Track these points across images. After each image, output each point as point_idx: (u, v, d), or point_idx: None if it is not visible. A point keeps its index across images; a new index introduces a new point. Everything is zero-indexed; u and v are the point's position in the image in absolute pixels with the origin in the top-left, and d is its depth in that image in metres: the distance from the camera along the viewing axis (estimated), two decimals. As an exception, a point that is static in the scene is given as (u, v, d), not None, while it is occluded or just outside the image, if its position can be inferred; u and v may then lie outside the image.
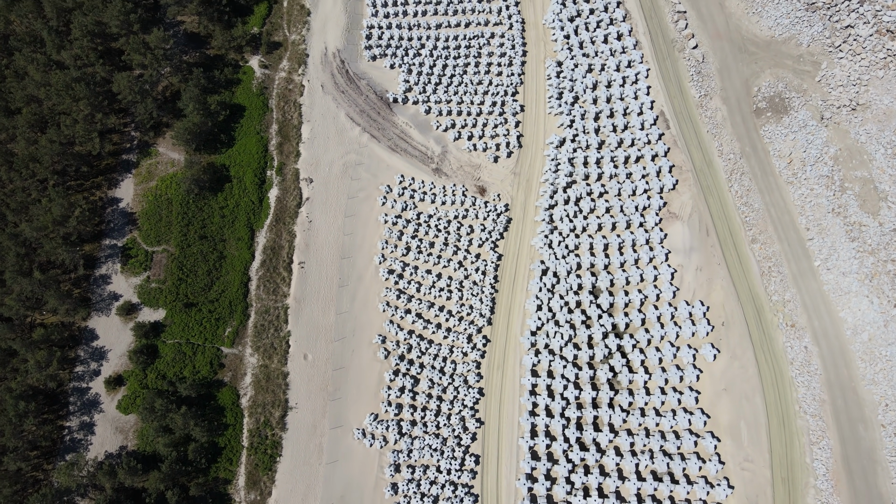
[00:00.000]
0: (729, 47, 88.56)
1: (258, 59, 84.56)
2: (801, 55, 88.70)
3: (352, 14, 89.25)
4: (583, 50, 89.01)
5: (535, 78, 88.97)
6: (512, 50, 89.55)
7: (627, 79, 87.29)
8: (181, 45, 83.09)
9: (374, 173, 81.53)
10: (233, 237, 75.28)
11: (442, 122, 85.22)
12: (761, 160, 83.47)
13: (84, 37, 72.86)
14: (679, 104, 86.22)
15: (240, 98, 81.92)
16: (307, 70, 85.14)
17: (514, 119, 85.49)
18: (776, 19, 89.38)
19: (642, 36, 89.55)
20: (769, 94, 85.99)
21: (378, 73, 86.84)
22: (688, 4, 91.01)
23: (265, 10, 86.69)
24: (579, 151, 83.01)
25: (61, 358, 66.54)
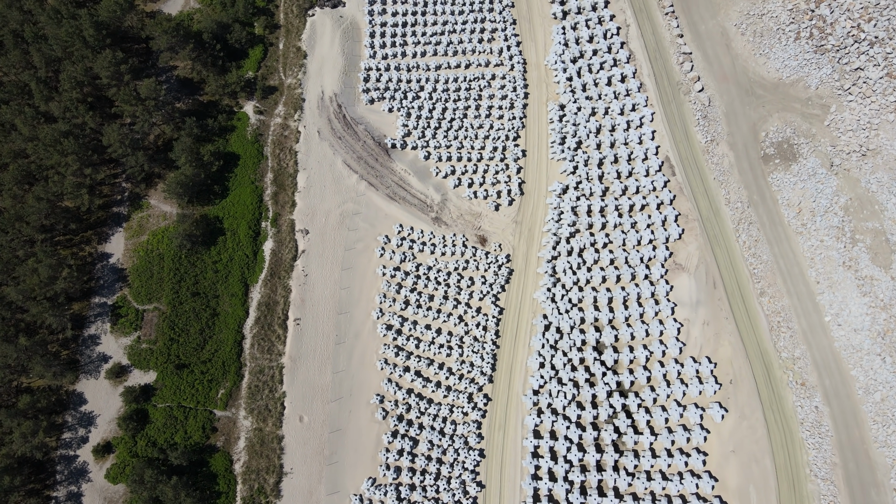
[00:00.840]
0: (735, 90, 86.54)
1: (253, 105, 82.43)
2: (810, 98, 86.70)
3: (349, 56, 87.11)
4: (586, 92, 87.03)
5: (536, 121, 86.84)
6: (513, 92, 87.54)
7: (632, 123, 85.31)
8: (174, 92, 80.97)
9: (371, 223, 79.38)
10: (226, 293, 73.11)
11: (441, 169, 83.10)
12: (770, 209, 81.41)
13: (73, 89, 70.67)
14: (685, 150, 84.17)
15: (234, 146, 79.77)
16: (303, 115, 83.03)
17: (516, 165, 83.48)
18: (784, 61, 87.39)
19: (647, 78, 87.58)
20: (777, 140, 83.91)
21: (376, 118, 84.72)
22: (693, 45, 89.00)
23: (260, 54, 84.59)
24: (583, 199, 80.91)
25: (48, 425, 64.27)
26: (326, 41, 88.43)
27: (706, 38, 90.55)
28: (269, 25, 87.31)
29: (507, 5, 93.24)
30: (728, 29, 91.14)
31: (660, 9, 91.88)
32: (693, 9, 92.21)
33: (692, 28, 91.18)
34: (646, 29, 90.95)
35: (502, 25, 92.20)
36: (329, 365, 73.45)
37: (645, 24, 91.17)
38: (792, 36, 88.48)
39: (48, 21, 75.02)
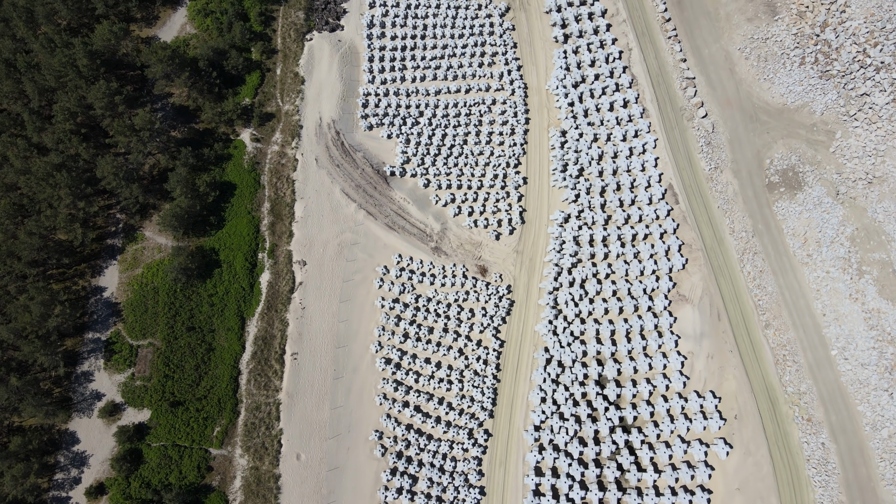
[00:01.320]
0: (740, 116, 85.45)
1: (250, 133, 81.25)
2: (815, 124, 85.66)
3: (347, 81, 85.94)
4: (588, 118, 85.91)
5: (538, 148, 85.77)
6: (514, 118, 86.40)
7: (634, 149, 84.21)
8: (169, 120, 79.85)
9: (370, 253, 78.16)
10: (222, 327, 71.90)
11: (441, 197, 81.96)
12: (775, 239, 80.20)
13: (66, 120, 69.48)
14: (688, 177, 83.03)
15: (230, 175, 78.58)
16: (301, 143, 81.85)
17: (517, 193, 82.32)
18: (788, 86, 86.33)
19: (649, 103, 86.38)
20: (782, 168, 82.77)
21: (375, 144, 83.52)
22: (697, 70, 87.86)
23: (257, 80, 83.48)
24: (584, 228, 79.78)
25: (40, 467, 63.03)
26: (325, 66, 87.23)
27: (710, 63, 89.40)
28: (267, 50, 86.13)
29: (507, 29, 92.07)
30: (732, 53, 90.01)
31: (662, 32, 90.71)
32: (696, 32, 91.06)
33: (695, 52, 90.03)
34: (648, 53, 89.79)
35: (503, 49, 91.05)
36: (327, 400, 72.24)
37: (647, 47, 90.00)
38: (797, 61, 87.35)
39: (41, 50, 73.90)
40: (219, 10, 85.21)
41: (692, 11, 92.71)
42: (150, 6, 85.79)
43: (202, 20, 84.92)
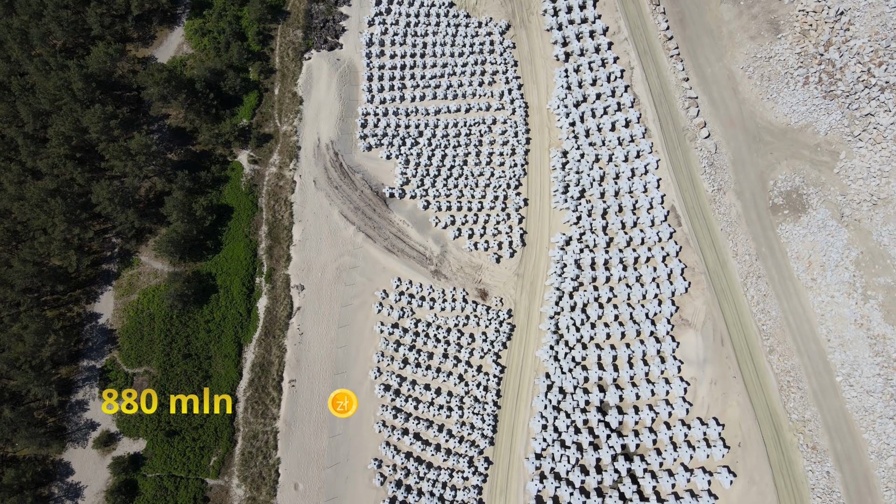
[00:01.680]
0: (743, 136, 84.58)
1: (247, 154, 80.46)
2: (819, 144, 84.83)
3: (346, 100, 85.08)
4: (589, 139, 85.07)
5: (538, 168, 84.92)
6: (515, 138, 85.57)
7: (636, 170, 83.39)
8: (166, 141, 79.06)
9: (369, 277, 77.27)
10: (219, 354, 71.04)
11: (441, 219, 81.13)
12: (778, 263, 79.37)
13: (61, 145, 68.58)
14: (691, 199, 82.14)
15: (227, 198, 77.75)
16: (299, 164, 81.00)
17: (517, 215, 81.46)
18: (792, 106, 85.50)
19: (652, 123, 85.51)
20: (786, 189, 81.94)
21: (374, 165, 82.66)
22: (699, 89, 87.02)
23: (255, 100, 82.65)
24: (586, 252, 78.90)
25: (33, 500, 62.07)
26: (323, 86, 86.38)
27: (712, 82, 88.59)
28: (265, 70, 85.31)
29: (508, 47, 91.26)
30: (735, 72, 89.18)
31: (665, 51, 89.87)
32: (699, 51, 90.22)
33: (698, 71, 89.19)
34: (650, 72, 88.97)
35: (503, 68, 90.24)
36: (325, 429, 71.36)
37: (650, 66, 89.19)
38: (800, 81, 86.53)
39: (36, 73, 73.03)
40: (216, 29, 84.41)
41: (694, 29, 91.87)
42: (146, 25, 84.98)
43: (199, 40, 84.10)
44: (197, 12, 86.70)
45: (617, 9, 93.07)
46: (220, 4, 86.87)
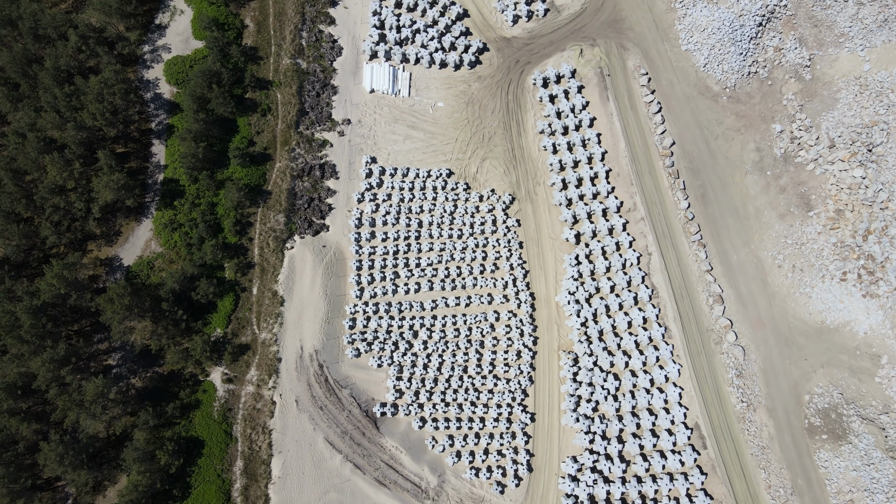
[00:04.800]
0: (774, 340, 77.49)
1: (221, 371, 73.26)
2: (858, 347, 77.88)
3: (332, 297, 78.04)
4: (603, 342, 77.69)
5: (547, 375, 78.13)
6: (521, 338, 78.65)
7: (655, 381, 75.44)
8: (128, 363, 71.54)
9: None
10: None
11: (438, 439, 74.10)
12: (817, 498, 71.84)
13: (4, 400, 60.74)
14: (717, 416, 75.16)
15: (198, 428, 70.58)
16: (279, 381, 73.89)
17: (524, 435, 73.95)
18: (827, 303, 79.02)
19: (672, 322, 78.57)
20: (823, 407, 74.72)
21: (363, 377, 75.65)
22: (724, 281, 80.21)
23: (230, 305, 75.65)
24: (599, 483, 70.92)
25: None
26: (307, 281, 78.99)
27: (739, 272, 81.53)
28: (242, 266, 78.25)
29: (512, 226, 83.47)
30: (763, 260, 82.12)
31: (685, 234, 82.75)
32: (723, 234, 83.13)
33: (723, 258, 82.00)
34: (670, 259, 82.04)
35: (507, 251, 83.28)
36: None
37: (669, 252, 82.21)
38: (837, 275, 79.50)
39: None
40: (188, 222, 76.82)
41: (717, 207, 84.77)
42: (110, 219, 77.41)
43: (169, 236, 77.01)
44: (167, 202, 79.27)
45: (632, 182, 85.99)
46: (192, 192, 79.34)
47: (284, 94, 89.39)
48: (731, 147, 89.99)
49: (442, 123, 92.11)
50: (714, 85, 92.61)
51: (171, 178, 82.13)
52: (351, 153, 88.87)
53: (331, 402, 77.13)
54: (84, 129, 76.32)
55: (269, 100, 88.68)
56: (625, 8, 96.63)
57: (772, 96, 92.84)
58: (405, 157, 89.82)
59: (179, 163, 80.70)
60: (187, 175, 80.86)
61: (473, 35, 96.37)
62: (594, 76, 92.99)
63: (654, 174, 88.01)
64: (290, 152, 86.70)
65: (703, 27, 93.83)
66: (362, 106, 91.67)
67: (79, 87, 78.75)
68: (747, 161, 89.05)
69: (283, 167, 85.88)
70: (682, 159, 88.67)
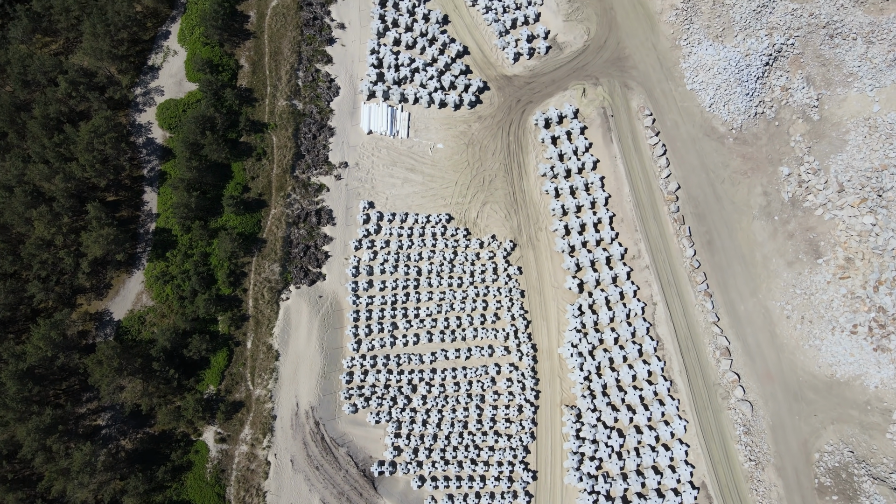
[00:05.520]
0: (782, 394, 75.44)
1: (214, 430, 71.38)
2: (868, 401, 76.24)
3: (328, 351, 76.25)
4: (607, 397, 75.76)
5: (549, 431, 76.70)
6: (522, 392, 77.38)
7: (660, 438, 73.65)
8: (118, 424, 69.50)
9: (354, 584, 67.37)
10: None
11: (438, 500, 73.56)
12: (828, 566, 69.61)
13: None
14: (725, 475, 73.32)
15: (190, 492, 68.98)
16: (274, 439, 71.95)
17: (525, 493, 73.89)
18: (837, 356, 77.70)
19: (678, 376, 76.71)
20: (833, 465, 72.79)
21: (360, 434, 73.80)
22: (731, 332, 78.33)
23: (224, 360, 73.81)
24: (605, 548, 69.05)
25: None
26: (303, 334, 76.97)
27: (746, 323, 79.62)
28: (236, 319, 76.31)
29: (513, 274, 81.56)
30: (771, 310, 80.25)
31: (691, 283, 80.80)
32: (730, 283, 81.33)
33: (729, 309, 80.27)
34: (675, 309, 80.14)
35: (508, 300, 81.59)
36: None
37: (674, 302, 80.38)
38: (847, 328, 77.61)
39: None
40: (180, 275, 74.74)
41: (724, 255, 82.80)
42: (101, 272, 75.33)
43: (161, 289, 75.04)
44: (159, 253, 77.27)
45: (636, 228, 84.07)
46: (185, 242, 77.38)
47: (280, 137, 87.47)
48: (738, 191, 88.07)
49: (441, 166, 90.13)
50: (720, 126, 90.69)
51: (163, 227, 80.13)
52: (348, 198, 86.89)
53: (327, 462, 75.11)
54: (73, 179, 74.41)
55: (264, 143, 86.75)
56: (628, 45, 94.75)
57: (779, 138, 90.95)
58: (404, 201, 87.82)
59: (172, 212, 78.74)
60: (180, 224, 78.88)
61: (474, 73, 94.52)
62: (597, 116, 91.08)
63: (659, 220, 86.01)
64: (286, 198, 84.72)
65: (708, 66, 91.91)
66: (360, 148, 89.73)
67: (68, 136, 76.86)
68: (754, 206, 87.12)
69: (279, 214, 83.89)
70: (688, 204, 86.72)
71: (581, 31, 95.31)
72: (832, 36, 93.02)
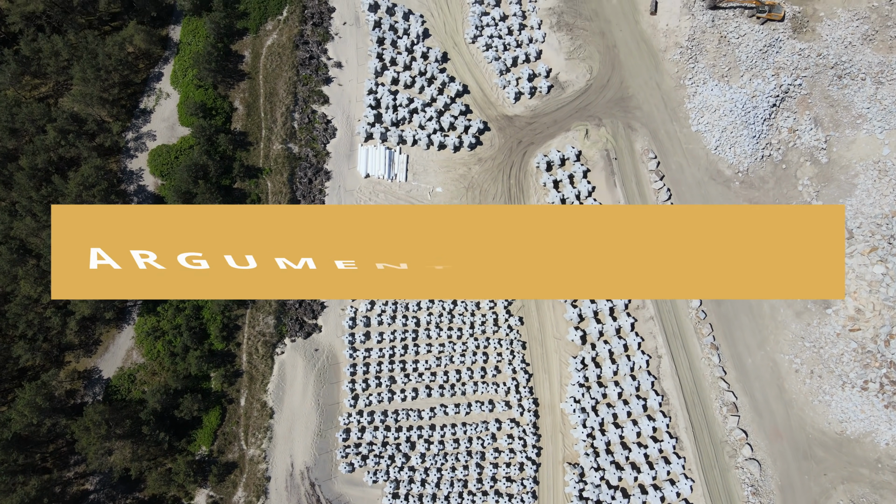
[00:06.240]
0: (791, 452, 73.83)
1: (206, 494, 69.85)
2: (879, 459, 74.36)
3: (325, 408, 74.41)
4: (611, 455, 73.54)
5: (551, 490, 75.68)
6: (523, 449, 74.84)
7: (666, 498, 72.10)
8: (106, 489, 66.91)
9: None
10: None
11: None
12: None
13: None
14: (733, 539, 70.33)
15: None
16: (268, 502, 69.45)
17: (527, 560, 70.02)
18: (848, 412, 75.77)
19: (683, 433, 74.89)
20: (844, 529, 70.10)
21: (358, 494, 72.38)
22: (739, 387, 76.63)
23: (217, 419, 71.94)
24: None
25: None
26: (298, 390, 75.17)
27: (754, 378, 77.80)
28: (229, 375, 74.44)
29: (514, 325, 79.53)
30: (780, 363, 78.38)
31: (697, 335, 79.06)
32: (737, 335, 79.48)
33: (737, 362, 78.21)
34: (681, 362, 78.34)
35: (509, 353, 79.90)
36: None
37: (680, 354, 78.51)
38: (858, 384, 75.55)
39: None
40: (171, 330, 72.61)
41: (731, 305, 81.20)
42: (90, 327, 73.20)
43: (152, 345, 73.14)
44: (150, 307, 75.22)
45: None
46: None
47: (275, 183, 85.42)
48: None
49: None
50: (726, 169, 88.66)
51: (154, 279, 78.20)
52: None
53: (323, 525, 73.19)
54: (61, 234, 72.43)
55: (258, 189, 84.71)
56: (632, 85, 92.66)
57: (786, 181, 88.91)
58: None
59: (163, 264, 76.71)
60: (172, 277, 76.92)
61: (474, 114, 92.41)
62: (600, 159, 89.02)
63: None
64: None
65: (714, 107, 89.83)
66: (357, 192, 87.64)
67: (57, 187, 74.78)
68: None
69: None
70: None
71: (583, 69, 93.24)
72: (840, 76, 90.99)
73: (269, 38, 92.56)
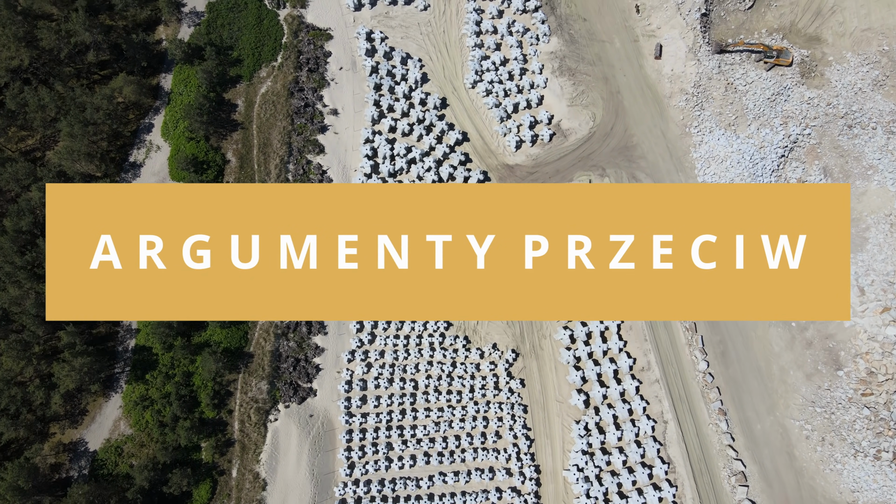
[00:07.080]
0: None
1: None
2: None
3: (320, 478, 71.85)
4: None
5: None
6: None
7: (674, 573, 68.98)
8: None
9: None
10: None
11: None
12: None
13: None
14: None
15: None
16: None
17: None
18: (860, 482, 72.83)
19: (691, 503, 70.85)
20: None
21: None
22: (748, 455, 74.37)
23: (207, 493, 69.74)
24: None
25: None
26: (292, 459, 72.64)
27: (763, 445, 75.35)
28: (221, 444, 71.81)
29: (515, 388, 77.21)
30: (790, 429, 76.09)
31: (705, 400, 76.66)
32: (745, 399, 76.98)
33: (745, 428, 76.16)
34: (688, 428, 75.91)
35: (510, 417, 77.82)
36: None
37: (686, 420, 76.11)
38: (871, 453, 72.87)
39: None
40: (160, 399, 70.09)
41: (739, 368, 78.39)
42: (75, 397, 70.62)
43: (140, 415, 70.77)
44: (138, 374, 72.58)
45: (646, 337, 79.76)
46: (166, 362, 72.81)
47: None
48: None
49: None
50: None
51: (143, 345, 75.46)
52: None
53: None
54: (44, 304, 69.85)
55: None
56: (636, 133, 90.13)
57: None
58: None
59: (152, 329, 74.01)
60: (161, 342, 74.23)
61: (473, 163, 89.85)
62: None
63: (670, 328, 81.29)
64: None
65: (720, 158, 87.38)
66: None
67: (41, 252, 72.17)
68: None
69: (267, 325, 79.14)
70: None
71: (586, 116, 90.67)
72: (851, 126, 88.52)
73: (263, 86, 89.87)
